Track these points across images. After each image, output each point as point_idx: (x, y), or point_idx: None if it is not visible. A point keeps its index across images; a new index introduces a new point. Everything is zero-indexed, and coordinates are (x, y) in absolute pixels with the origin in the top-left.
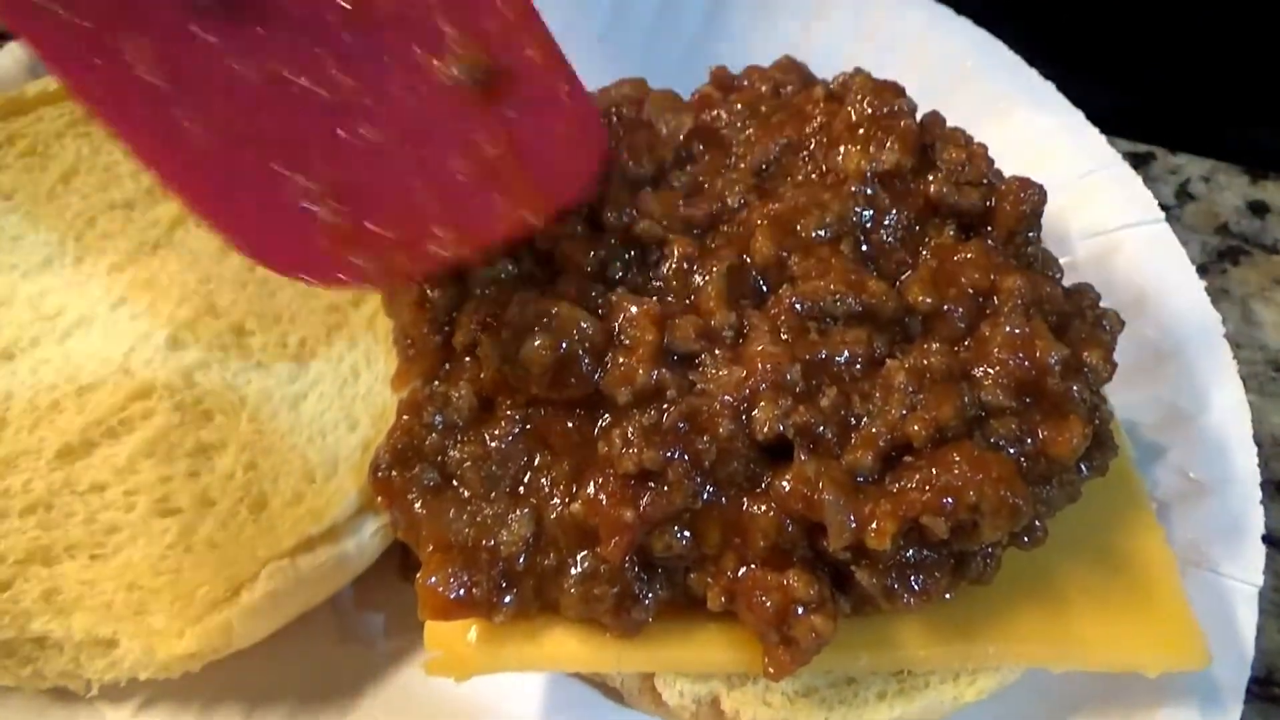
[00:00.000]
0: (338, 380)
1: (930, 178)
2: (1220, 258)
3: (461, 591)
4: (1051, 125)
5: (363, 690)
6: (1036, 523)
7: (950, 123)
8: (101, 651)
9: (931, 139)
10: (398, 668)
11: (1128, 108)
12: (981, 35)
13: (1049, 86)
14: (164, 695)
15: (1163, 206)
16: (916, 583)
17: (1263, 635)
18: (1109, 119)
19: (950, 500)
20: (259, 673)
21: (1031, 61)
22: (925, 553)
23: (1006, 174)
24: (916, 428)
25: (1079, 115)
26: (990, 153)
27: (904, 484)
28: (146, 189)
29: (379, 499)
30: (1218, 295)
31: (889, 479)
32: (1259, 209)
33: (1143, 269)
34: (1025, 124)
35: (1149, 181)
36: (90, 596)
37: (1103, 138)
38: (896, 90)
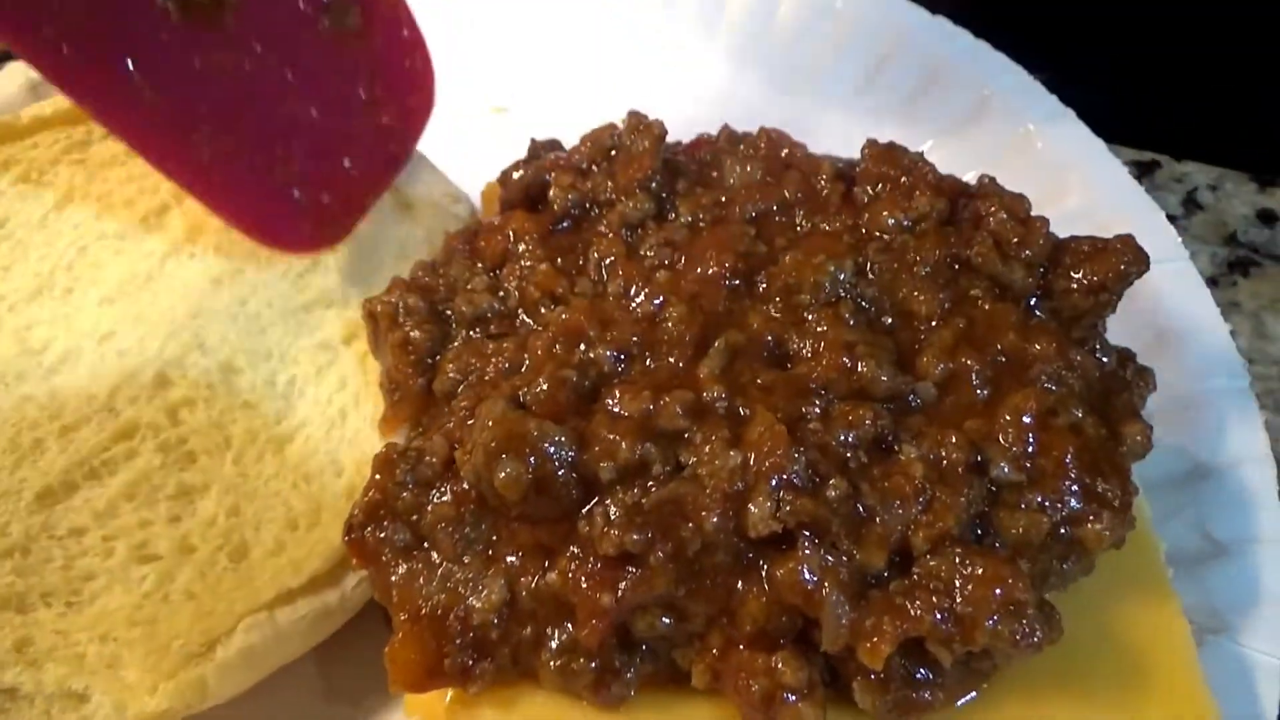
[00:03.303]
0: (325, 423)
1: (974, 240)
2: (1230, 269)
3: (432, 663)
4: (1069, 155)
5: None
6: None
7: (964, 151)
8: (73, 705)
9: (964, 192)
10: None
11: (1129, 114)
12: (1002, 60)
13: (1069, 113)
14: None
15: (1169, 217)
16: (917, 698)
17: None
18: (1110, 125)
19: (956, 631)
20: None
21: (1032, 66)
22: (923, 672)
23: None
24: (943, 525)
25: (1100, 144)
26: (1008, 185)
27: (908, 600)
28: (141, 218)
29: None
30: (1228, 309)
31: (893, 585)
32: (1268, 217)
33: (1164, 309)
34: (1043, 152)
35: (1153, 191)
36: (63, 647)
37: (1124, 168)
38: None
